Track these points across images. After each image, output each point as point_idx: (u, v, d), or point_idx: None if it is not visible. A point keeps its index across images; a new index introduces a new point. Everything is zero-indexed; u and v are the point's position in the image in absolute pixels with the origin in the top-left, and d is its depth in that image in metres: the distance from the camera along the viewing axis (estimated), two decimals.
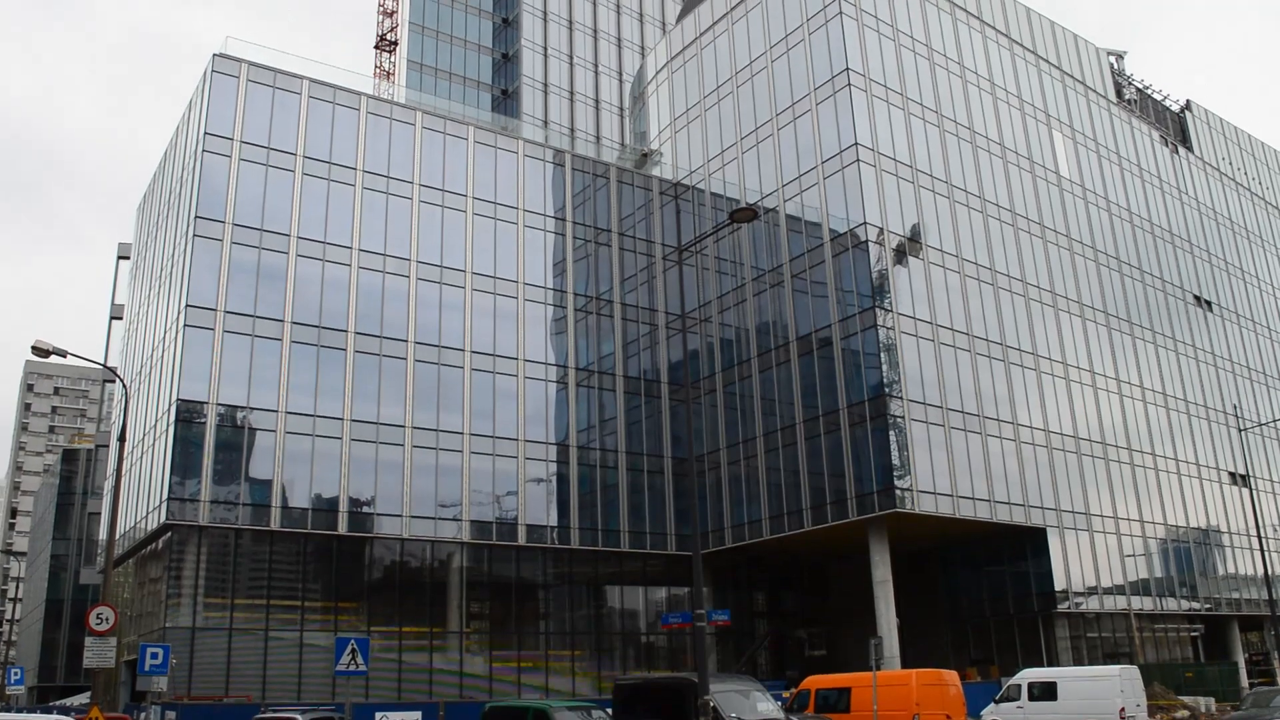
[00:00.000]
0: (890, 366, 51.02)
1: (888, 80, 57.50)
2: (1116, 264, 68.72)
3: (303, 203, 52.98)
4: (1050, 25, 72.26)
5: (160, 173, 62.71)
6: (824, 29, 57.61)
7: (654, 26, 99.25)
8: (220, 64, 52.99)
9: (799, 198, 57.52)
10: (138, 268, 66.42)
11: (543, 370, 57.94)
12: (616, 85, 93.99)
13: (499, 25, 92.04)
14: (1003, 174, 62.40)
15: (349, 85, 56.67)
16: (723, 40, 65.57)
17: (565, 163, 63.34)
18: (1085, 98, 72.66)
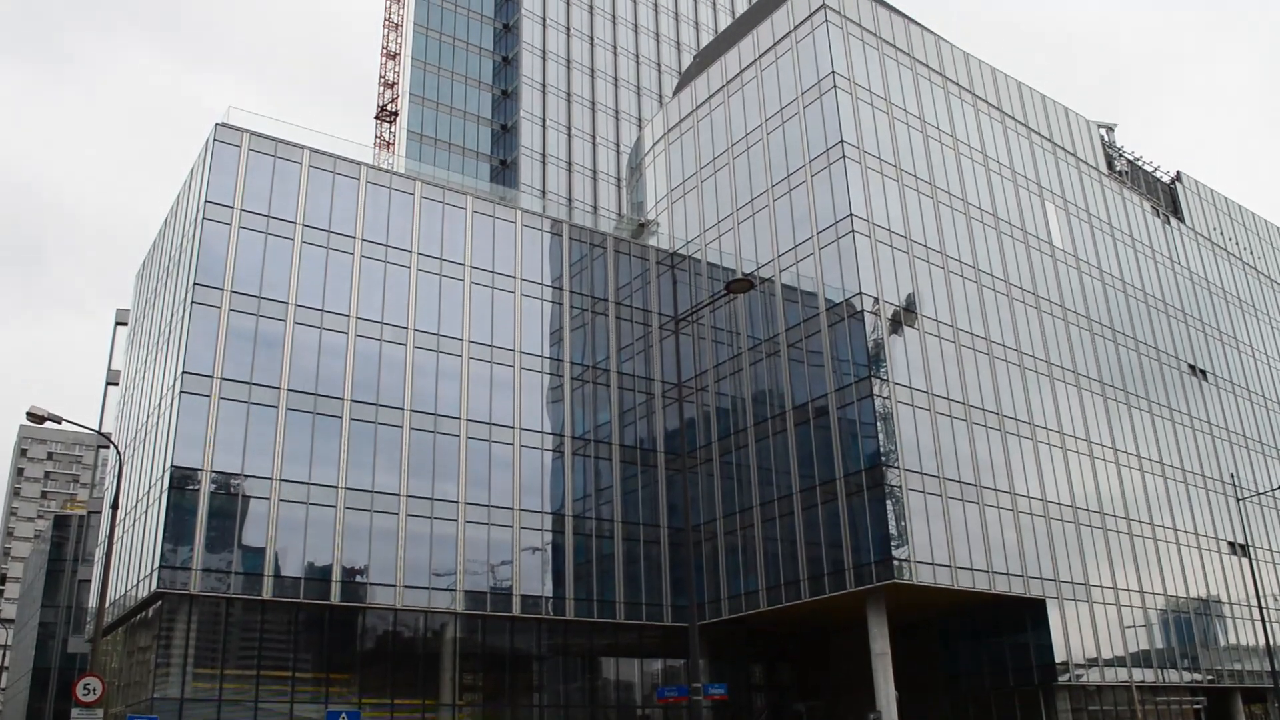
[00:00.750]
0: (887, 436, 50.97)
1: (882, 152, 58.20)
2: (1111, 333, 69.03)
3: (301, 270, 53.23)
4: (1041, 99, 73.37)
5: (160, 240, 63.08)
6: (818, 102, 58.45)
7: (651, 99, 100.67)
8: (222, 133, 53.56)
9: (795, 268, 57.90)
10: (135, 334, 66.50)
11: (539, 439, 57.81)
12: (614, 156, 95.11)
13: (498, 97, 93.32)
14: (996, 244, 62.93)
15: (349, 155, 57.28)
16: (719, 113, 66.49)
17: (563, 232, 63.83)
18: (1077, 169, 73.55)
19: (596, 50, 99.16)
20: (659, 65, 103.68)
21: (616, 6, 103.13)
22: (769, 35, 63.73)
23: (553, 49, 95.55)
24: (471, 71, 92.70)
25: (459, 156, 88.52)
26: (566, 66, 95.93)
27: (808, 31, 60.32)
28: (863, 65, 59.91)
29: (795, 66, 60.88)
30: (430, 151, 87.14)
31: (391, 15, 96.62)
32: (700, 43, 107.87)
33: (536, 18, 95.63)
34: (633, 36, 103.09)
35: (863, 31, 61.06)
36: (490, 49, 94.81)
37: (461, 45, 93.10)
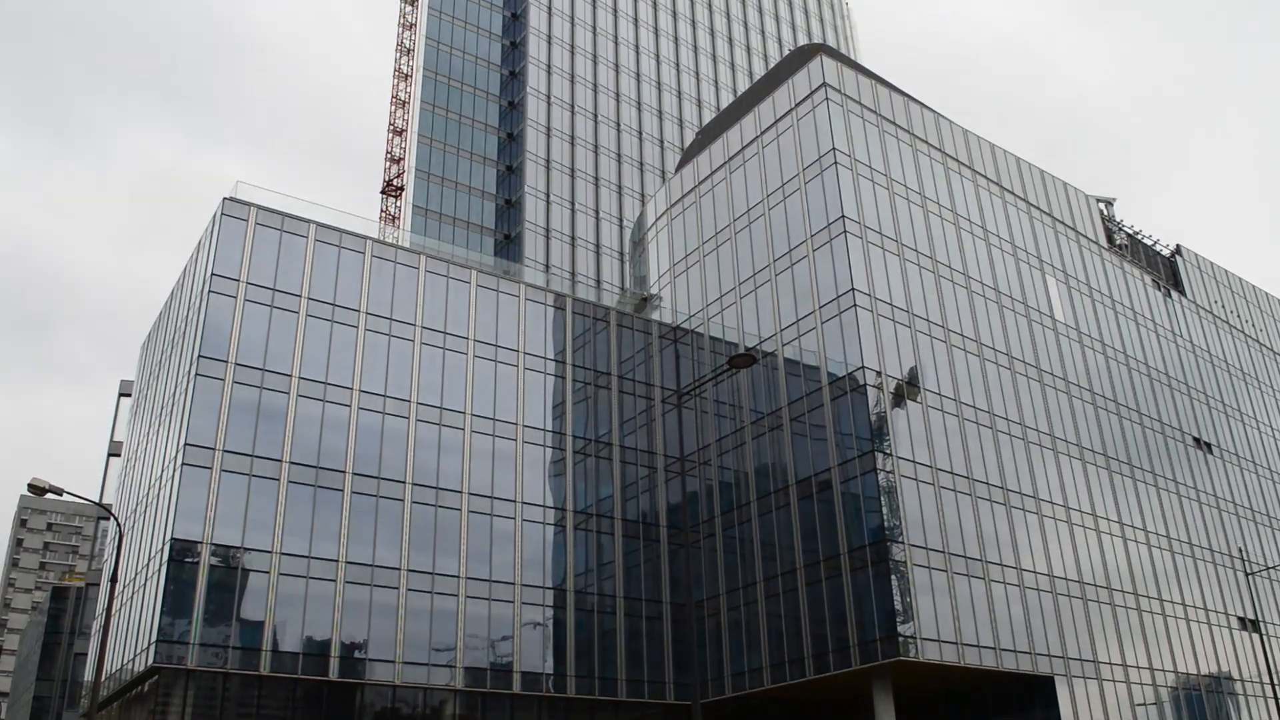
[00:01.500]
0: (891, 510, 50.68)
1: (883, 227, 58.71)
2: (1115, 406, 68.94)
3: (305, 343, 53.47)
4: (1040, 174, 74.16)
5: (166, 312, 63.46)
6: (819, 178, 59.11)
7: (654, 175, 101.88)
8: (230, 207, 54.21)
9: (797, 342, 58.08)
10: (139, 405, 66.60)
11: (540, 513, 57.54)
12: (617, 231, 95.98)
13: (503, 173, 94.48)
14: (998, 318, 63.15)
15: (355, 229, 57.85)
16: (721, 189, 67.22)
17: (566, 306, 64.18)
18: (1077, 243, 74.06)
19: (600, 127, 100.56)
20: (662, 142, 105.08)
21: (620, 84, 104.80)
22: (770, 113, 64.67)
23: (557, 125, 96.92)
24: (477, 147, 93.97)
25: (464, 231, 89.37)
26: (570, 143, 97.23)
27: (809, 109, 61.22)
28: (863, 142, 60.69)
29: (796, 143, 61.68)
30: (435, 226, 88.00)
31: (399, 93, 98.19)
32: (702, 120, 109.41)
33: (541, 95, 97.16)
34: (636, 114, 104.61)
35: (863, 109, 61.95)
36: (495, 125, 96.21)
37: (467, 122, 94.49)
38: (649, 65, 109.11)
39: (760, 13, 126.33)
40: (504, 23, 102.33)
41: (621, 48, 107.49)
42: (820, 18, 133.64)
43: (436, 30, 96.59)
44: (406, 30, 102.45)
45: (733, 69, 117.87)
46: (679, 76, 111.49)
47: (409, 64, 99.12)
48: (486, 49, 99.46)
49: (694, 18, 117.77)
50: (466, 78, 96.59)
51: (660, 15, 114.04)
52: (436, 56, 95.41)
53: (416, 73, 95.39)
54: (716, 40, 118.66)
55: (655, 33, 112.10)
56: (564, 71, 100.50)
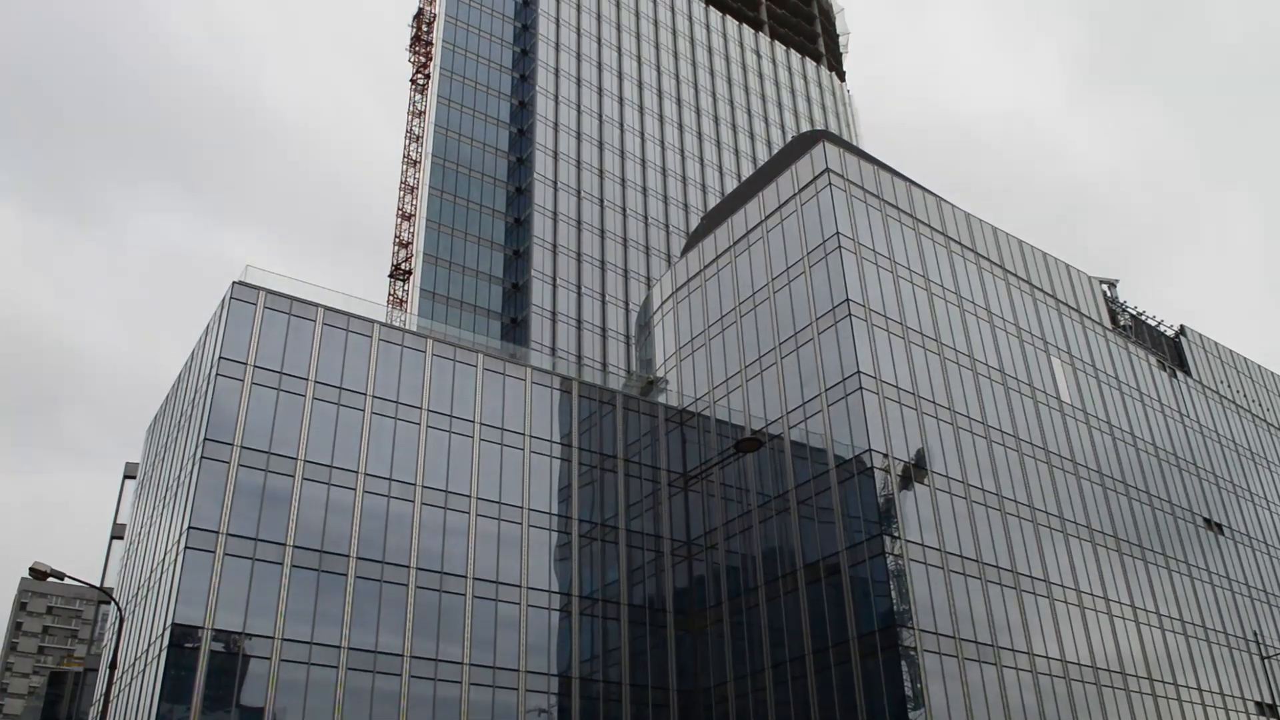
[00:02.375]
0: (900, 595, 50.12)
1: (887, 310, 59.01)
2: (1124, 488, 68.53)
3: (311, 427, 53.51)
4: (1043, 256, 74.72)
5: (173, 394, 63.63)
6: (824, 262, 59.61)
7: (659, 259, 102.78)
8: (239, 291, 54.67)
9: (803, 425, 58.02)
10: (143, 488, 66.42)
11: (546, 598, 56.96)
12: (623, 314, 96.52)
13: (510, 257, 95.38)
14: (1004, 399, 63.12)
15: (362, 313, 58.26)
16: (726, 272, 67.75)
17: (572, 389, 64.30)
18: (1081, 324, 74.32)
19: (606, 212, 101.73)
20: (667, 226, 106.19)
21: (625, 170, 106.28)
22: (775, 198, 65.47)
23: (563, 210, 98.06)
24: (484, 232, 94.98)
25: (470, 314, 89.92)
26: (577, 227, 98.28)
27: (812, 194, 61.98)
28: (866, 226, 61.33)
29: (801, 227, 62.33)
30: (442, 309, 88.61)
31: (408, 179, 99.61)
32: (707, 205, 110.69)
33: (548, 181, 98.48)
34: (641, 199, 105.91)
35: (865, 194, 62.71)
36: (503, 210, 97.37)
37: (475, 207, 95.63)
38: (654, 151, 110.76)
39: (763, 100, 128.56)
40: (511, 110, 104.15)
41: (627, 134, 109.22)
42: (822, 105, 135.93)
43: (445, 118, 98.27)
44: (416, 118, 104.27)
45: (736, 155, 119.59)
46: (683, 162, 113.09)
47: (418, 150, 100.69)
48: (494, 136, 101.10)
49: (698, 105, 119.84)
50: (474, 164, 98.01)
51: (665, 103, 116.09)
52: (445, 143, 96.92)
53: (425, 159, 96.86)
54: (720, 127, 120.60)
55: (660, 120, 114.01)
56: (570, 158, 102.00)
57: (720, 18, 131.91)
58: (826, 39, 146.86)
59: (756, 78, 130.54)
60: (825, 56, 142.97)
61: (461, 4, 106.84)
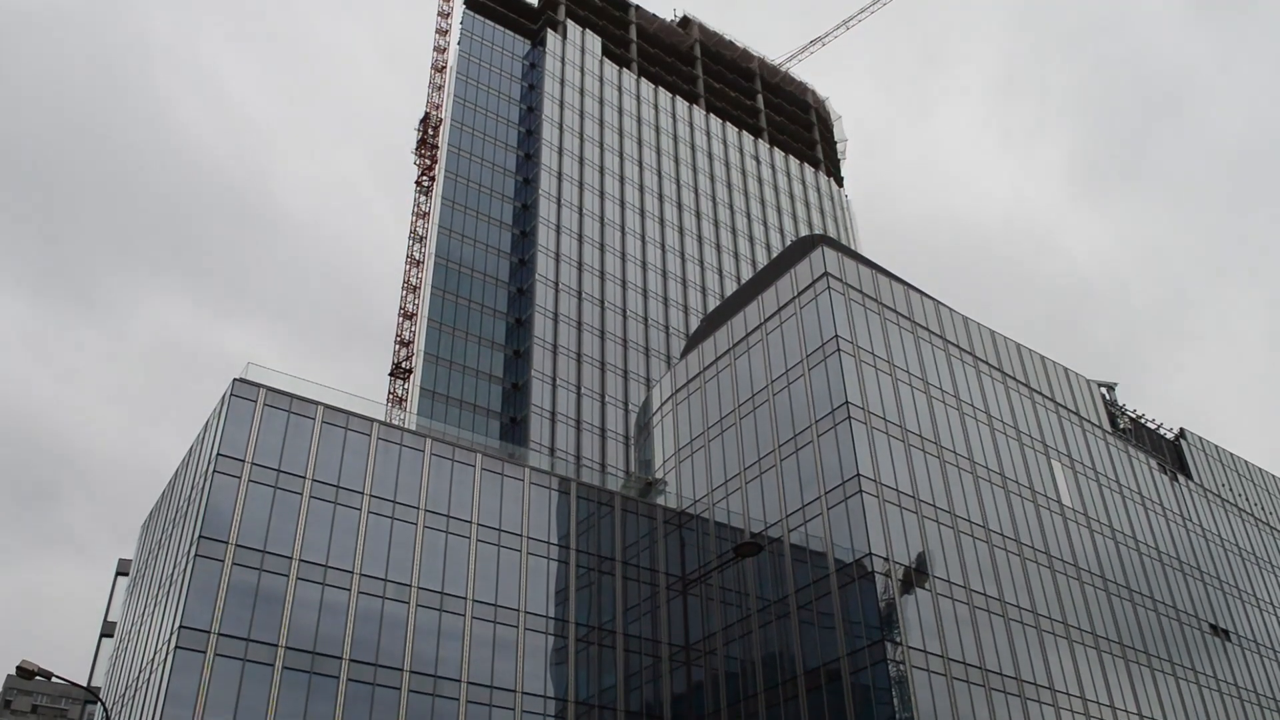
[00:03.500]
0: (902, 703, 49.15)
1: (887, 413, 59.07)
2: (1128, 593, 67.71)
3: (307, 526, 53.14)
4: (1041, 360, 75.06)
5: (169, 491, 63.32)
6: (823, 364, 59.87)
7: (659, 360, 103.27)
8: (239, 388, 54.81)
9: (803, 528, 57.60)
10: (135, 585, 65.65)
11: (541, 704, 55.83)
12: (622, 415, 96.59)
13: (510, 357, 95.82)
14: (1005, 503, 62.78)
15: (362, 411, 58.31)
16: (725, 374, 68.00)
17: (570, 490, 64.00)
18: (1081, 428, 74.30)
19: (606, 313, 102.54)
20: (667, 327, 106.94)
21: (626, 272, 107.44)
22: (774, 301, 66.07)
23: (564, 311, 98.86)
24: (485, 332, 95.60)
25: (470, 413, 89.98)
26: (577, 328, 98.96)
27: (811, 297, 62.56)
28: (865, 329, 61.76)
29: (800, 330, 62.76)
30: (442, 408, 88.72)
31: (410, 278, 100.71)
32: (707, 307, 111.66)
33: (549, 282, 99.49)
34: (642, 301, 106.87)
35: (864, 297, 63.29)
36: (504, 310, 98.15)
37: (476, 307, 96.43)
38: (654, 254, 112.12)
39: (763, 204, 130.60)
40: (514, 213, 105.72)
41: (628, 237, 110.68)
42: (820, 209, 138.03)
43: (449, 219, 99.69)
44: (420, 219, 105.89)
45: (736, 258, 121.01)
46: (683, 265, 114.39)
47: (421, 251, 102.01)
48: (497, 238, 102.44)
49: (698, 209, 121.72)
50: (477, 264, 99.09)
51: (665, 206, 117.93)
52: (448, 244, 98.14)
53: (428, 259, 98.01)
54: (720, 230, 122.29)
55: (660, 223, 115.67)
56: (572, 259, 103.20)
57: (720, 124, 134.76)
58: (824, 145, 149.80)
59: (756, 182, 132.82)
60: (823, 162, 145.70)
61: (468, 109, 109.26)
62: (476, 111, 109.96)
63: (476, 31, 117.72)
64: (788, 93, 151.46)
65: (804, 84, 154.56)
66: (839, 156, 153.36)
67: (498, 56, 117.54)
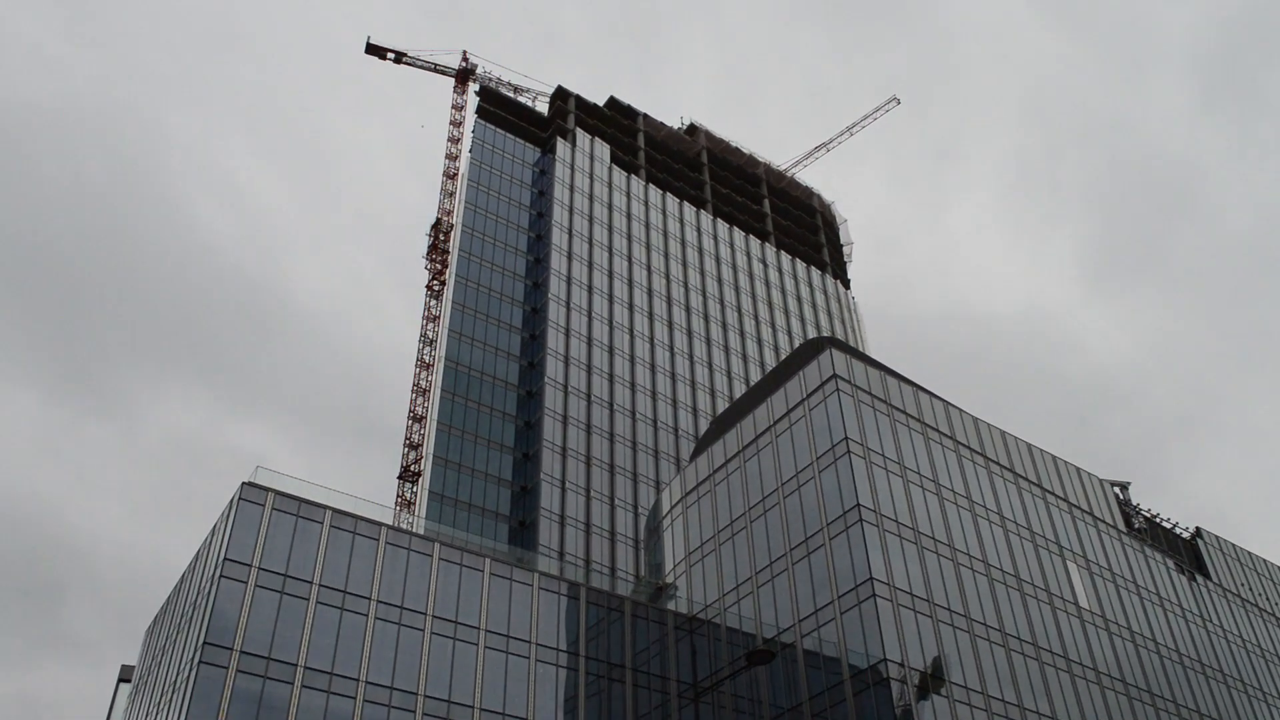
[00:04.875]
0: None
1: (899, 515, 58.60)
2: (1149, 696, 66.18)
3: (313, 632, 52.46)
4: (1053, 459, 74.67)
5: (175, 595, 62.75)
6: (833, 467, 59.63)
7: (668, 462, 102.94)
8: (247, 492, 54.72)
9: (816, 633, 56.71)
10: (138, 691, 64.62)
11: None
12: (632, 518, 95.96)
13: (519, 459, 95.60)
14: (1021, 606, 61.83)
15: (370, 515, 58.06)
16: (735, 477, 67.71)
17: (580, 595, 63.24)
18: (1095, 528, 73.53)
19: (616, 415, 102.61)
20: (676, 430, 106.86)
21: (635, 375, 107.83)
22: (783, 403, 66.13)
23: (573, 414, 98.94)
24: (494, 434, 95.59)
25: (479, 517, 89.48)
26: (586, 430, 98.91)
27: (820, 400, 62.63)
28: (875, 431, 61.66)
29: (809, 433, 62.68)
30: (451, 511, 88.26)
31: (420, 381, 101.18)
32: (716, 408, 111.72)
33: (558, 385, 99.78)
34: (650, 403, 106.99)
35: (873, 399, 63.33)
36: (513, 413, 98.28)
37: (485, 410, 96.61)
38: (663, 356, 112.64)
39: (770, 307, 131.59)
40: (524, 316, 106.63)
41: (637, 340, 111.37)
42: (828, 311, 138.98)
43: (459, 323, 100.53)
44: (430, 322, 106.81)
45: (744, 360, 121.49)
46: (692, 367, 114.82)
47: (431, 354, 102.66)
48: (507, 341, 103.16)
49: (706, 311, 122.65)
50: (486, 368, 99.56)
51: (674, 309, 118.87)
52: (458, 347, 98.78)
53: (438, 363, 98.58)
54: (728, 333, 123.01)
55: (669, 325, 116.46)
56: (581, 362, 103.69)
57: (727, 228, 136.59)
58: (830, 249, 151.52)
59: (763, 285, 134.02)
60: (829, 265, 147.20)
61: (478, 215, 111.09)
62: (487, 217, 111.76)
63: (488, 139, 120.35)
64: (793, 197, 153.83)
65: (809, 189, 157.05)
66: (845, 259, 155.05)
67: (508, 163, 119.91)
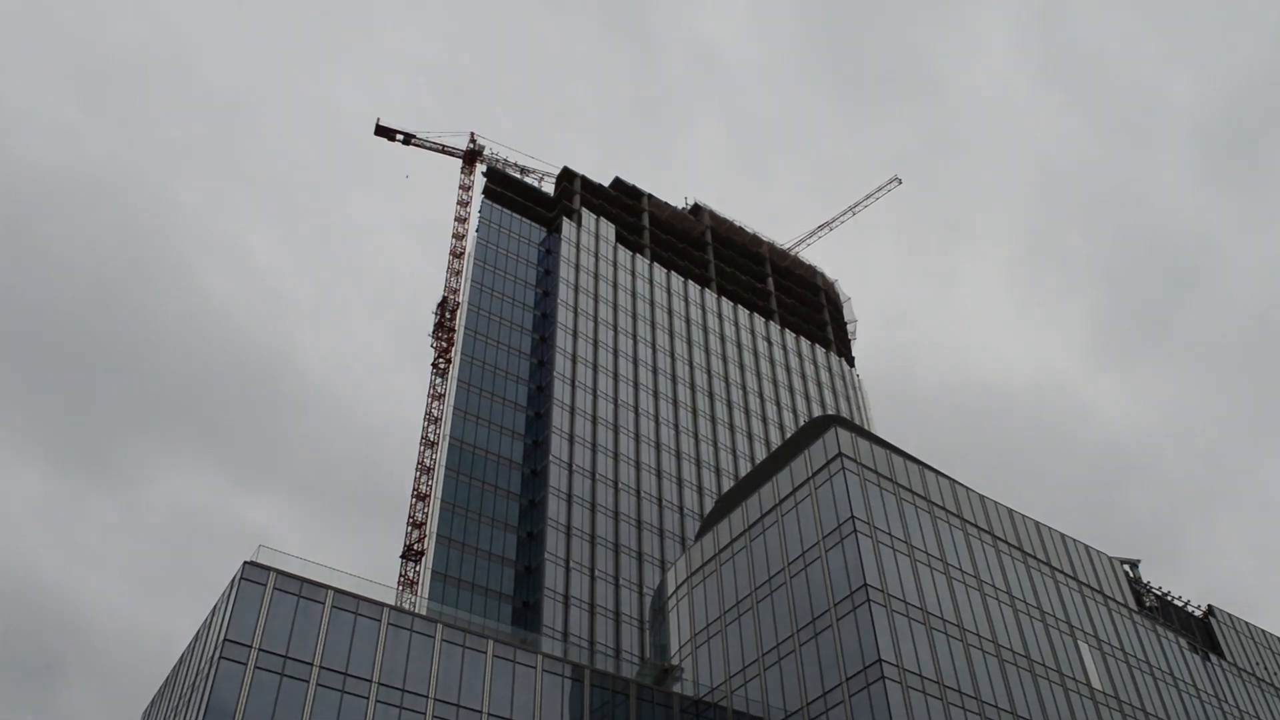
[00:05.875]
0: None
1: (907, 595, 57.92)
2: None
3: (314, 715, 51.59)
4: (1061, 538, 74.00)
5: (173, 676, 61.91)
6: (840, 546, 59.12)
7: (674, 542, 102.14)
8: (249, 571, 54.27)
9: (825, 716, 55.68)
10: None
11: None
12: (637, 598, 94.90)
13: (523, 539, 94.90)
14: (1033, 687, 60.76)
15: (372, 595, 57.46)
16: (741, 557, 67.10)
17: (584, 678, 62.29)
18: (1106, 607, 72.57)
19: (620, 494, 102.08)
20: (681, 509, 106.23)
21: (640, 453, 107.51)
22: (789, 482, 65.81)
23: (578, 492, 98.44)
24: (498, 513, 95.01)
25: (482, 597, 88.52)
26: (591, 509, 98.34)
27: (825, 478, 62.32)
28: (881, 509, 61.25)
29: (815, 512, 62.26)
30: (454, 591, 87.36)
31: (424, 459, 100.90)
32: (721, 487, 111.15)
33: (563, 463, 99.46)
34: (655, 481, 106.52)
35: (879, 478, 63.02)
36: (517, 492, 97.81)
37: (489, 488, 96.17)
38: (668, 435, 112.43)
39: (775, 384, 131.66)
40: (529, 394, 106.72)
41: (641, 418, 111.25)
42: (833, 388, 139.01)
43: (464, 401, 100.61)
44: (435, 399, 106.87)
45: (749, 438, 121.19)
46: (697, 445, 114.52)
47: (436, 432, 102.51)
48: (511, 419, 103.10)
49: (710, 389, 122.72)
50: (491, 446, 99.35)
51: (678, 387, 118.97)
52: (463, 425, 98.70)
53: (442, 440, 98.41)
54: (733, 410, 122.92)
55: (673, 403, 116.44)
56: (585, 440, 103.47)
57: (732, 306, 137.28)
58: (834, 326, 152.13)
59: (768, 363, 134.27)
60: (834, 343, 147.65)
61: (484, 294, 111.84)
62: (493, 295, 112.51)
63: (494, 219, 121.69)
64: (797, 276, 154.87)
65: (812, 267, 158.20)
66: (849, 337, 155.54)
67: (514, 243, 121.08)
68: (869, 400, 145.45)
